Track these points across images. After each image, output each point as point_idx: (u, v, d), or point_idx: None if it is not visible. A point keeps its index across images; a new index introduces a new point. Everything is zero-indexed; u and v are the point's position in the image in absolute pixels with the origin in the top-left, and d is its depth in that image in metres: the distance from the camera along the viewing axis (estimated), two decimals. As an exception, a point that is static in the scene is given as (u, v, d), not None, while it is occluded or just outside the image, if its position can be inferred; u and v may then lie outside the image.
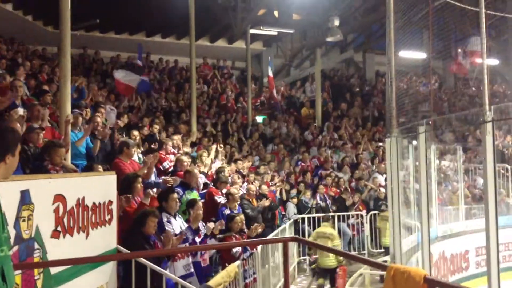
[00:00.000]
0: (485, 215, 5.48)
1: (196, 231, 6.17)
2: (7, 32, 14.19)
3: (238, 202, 8.30)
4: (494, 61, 14.73)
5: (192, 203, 6.62)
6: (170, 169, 8.52)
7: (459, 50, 13.82)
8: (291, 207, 11.06)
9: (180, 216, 6.47)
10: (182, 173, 7.99)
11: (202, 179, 8.55)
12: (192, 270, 5.95)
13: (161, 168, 8.41)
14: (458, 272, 8.61)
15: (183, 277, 5.36)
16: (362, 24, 16.99)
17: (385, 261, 7.99)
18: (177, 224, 6.16)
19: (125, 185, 6.12)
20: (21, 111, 5.77)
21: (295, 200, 11.17)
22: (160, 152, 8.56)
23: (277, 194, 11.13)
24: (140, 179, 6.26)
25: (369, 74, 22.06)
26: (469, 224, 9.54)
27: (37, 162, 5.36)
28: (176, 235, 5.81)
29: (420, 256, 7.06)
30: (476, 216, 10.23)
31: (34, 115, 6.26)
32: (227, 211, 7.82)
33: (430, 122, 7.30)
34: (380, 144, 14.79)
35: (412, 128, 7.64)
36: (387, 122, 8.32)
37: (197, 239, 6.20)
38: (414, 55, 11.09)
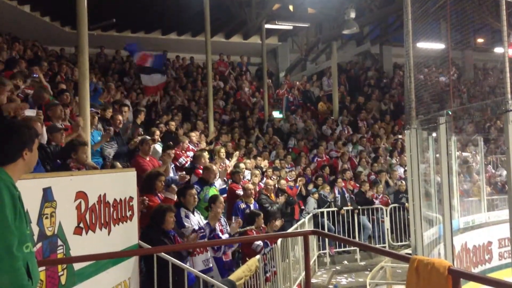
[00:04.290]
0: (509, 206, 5.40)
1: (215, 228, 6.19)
2: (25, 34, 14.39)
3: (253, 198, 8.32)
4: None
5: (214, 200, 6.62)
6: (187, 165, 8.61)
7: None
8: (312, 202, 11.02)
9: (198, 212, 6.50)
10: (199, 169, 8.06)
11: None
12: (211, 265, 5.98)
13: (178, 164, 8.50)
14: (481, 264, 8.49)
15: (202, 272, 5.39)
16: (379, 16, 16.80)
17: (408, 254, 7.93)
18: (195, 220, 6.19)
19: (147, 183, 6.18)
20: (29, 112, 5.75)
21: (316, 195, 11.13)
22: (176, 148, 8.64)
23: (302, 190, 11.15)
24: (162, 178, 6.31)
25: (386, 66, 21.84)
26: (491, 215, 9.40)
27: (58, 160, 5.42)
28: (195, 230, 5.85)
29: (442, 248, 6.98)
30: (498, 207, 10.08)
31: (56, 115, 6.33)
32: (243, 205, 7.87)
33: (450, 113, 7.19)
34: (400, 136, 14.65)
35: (431, 120, 7.54)
36: (406, 114, 8.23)
37: (222, 236, 6.25)
38: (432, 46, 10.94)
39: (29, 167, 2.69)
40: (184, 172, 7.74)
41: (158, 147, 8.28)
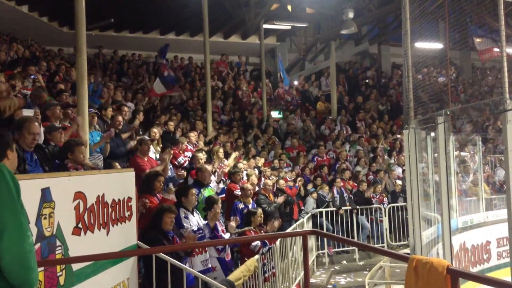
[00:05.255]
0: (507, 205, 5.38)
1: (214, 228, 6.19)
2: (23, 34, 14.37)
3: (252, 197, 8.31)
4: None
5: (212, 201, 6.60)
6: (185, 164, 8.62)
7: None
8: (311, 202, 11.03)
9: (198, 212, 6.49)
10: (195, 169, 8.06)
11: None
12: (210, 265, 5.97)
13: (176, 164, 8.53)
14: (480, 264, 8.49)
15: (201, 273, 5.38)
16: (377, 16, 16.81)
17: (407, 254, 7.93)
18: (194, 220, 6.18)
19: (146, 183, 6.17)
20: (27, 111, 5.73)
21: (314, 195, 11.13)
22: (174, 148, 8.65)
23: (301, 190, 11.16)
24: (161, 178, 6.30)
25: (384, 66, 21.86)
26: (490, 215, 9.39)
27: (56, 161, 5.40)
28: (194, 231, 5.84)
29: (440, 248, 6.98)
30: (496, 207, 10.08)
31: (55, 115, 6.32)
32: (241, 205, 7.86)
33: (449, 113, 7.18)
34: (399, 136, 14.66)
35: (430, 119, 7.54)
36: (405, 113, 8.23)
37: (224, 235, 6.26)
38: (431, 45, 10.94)
39: (13, 166, 2.77)
40: (182, 171, 7.73)
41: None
